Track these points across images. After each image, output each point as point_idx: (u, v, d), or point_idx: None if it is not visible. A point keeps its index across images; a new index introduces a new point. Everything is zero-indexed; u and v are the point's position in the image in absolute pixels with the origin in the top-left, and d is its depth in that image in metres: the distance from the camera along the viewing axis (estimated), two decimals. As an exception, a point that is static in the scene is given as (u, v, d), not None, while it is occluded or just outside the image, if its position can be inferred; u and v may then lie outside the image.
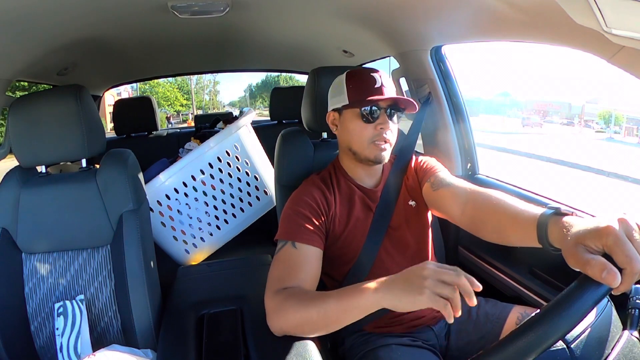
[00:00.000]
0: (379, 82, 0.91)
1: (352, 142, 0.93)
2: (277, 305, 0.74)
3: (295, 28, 1.59)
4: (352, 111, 0.92)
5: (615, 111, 11.27)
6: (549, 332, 0.45)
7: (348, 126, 0.93)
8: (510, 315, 0.91)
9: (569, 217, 0.58)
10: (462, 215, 0.85)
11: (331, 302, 0.68)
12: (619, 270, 0.45)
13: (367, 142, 0.91)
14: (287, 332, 0.74)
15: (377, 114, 0.90)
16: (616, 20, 0.51)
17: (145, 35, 1.47)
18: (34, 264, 1.00)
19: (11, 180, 1.00)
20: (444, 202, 0.90)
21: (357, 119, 0.91)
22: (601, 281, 0.45)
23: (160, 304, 1.02)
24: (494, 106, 16.24)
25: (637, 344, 0.59)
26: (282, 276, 0.79)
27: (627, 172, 7.08)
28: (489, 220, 0.79)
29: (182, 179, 1.43)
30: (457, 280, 0.56)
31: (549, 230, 0.60)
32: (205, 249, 1.51)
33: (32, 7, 0.92)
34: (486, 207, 0.79)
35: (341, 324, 0.69)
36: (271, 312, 0.75)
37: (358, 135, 0.91)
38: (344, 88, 0.93)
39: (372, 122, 0.90)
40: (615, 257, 0.46)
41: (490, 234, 0.79)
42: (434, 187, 0.94)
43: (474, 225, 0.83)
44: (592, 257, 0.47)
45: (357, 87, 0.91)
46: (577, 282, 0.48)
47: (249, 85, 24.51)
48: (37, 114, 0.98)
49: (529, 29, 0.87)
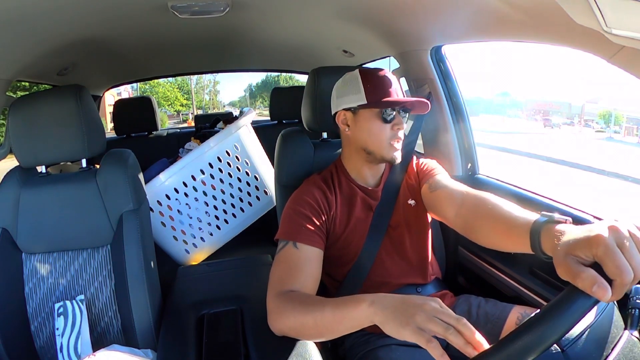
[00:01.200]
0: (393, 83, 0.93)
1: (369, 143, 0.93)
2: (277, 307, 0.75)
3: (295, 28, 1.58)
4: (371, 111, 0.92)
5: (615, 111, 11.27)
6: (536, 341, 0.44)
7: (364, 126, 0.93)
8: (510, 315, 0.91)
9: (561, 225, 0.57)
10: (455, 217, 0.85)
11: (327, 310, 0.66)
12: (610, 281, 0.44)
13: (386, 143, 0.92)
14: (286, 334, 0.74)
15: (393, 115, 0.91)
16: (616, 20, 0.51)
17: (145, 35, 1.47)
18: (34, 264, 1.00)
19: (11, 180, 1.00)
20: (439, 204, 0.91)
21: (376, 119, 0.91)
22: (591, 295, 0.44)
23: (160, 304, 1.02)
24: (494, 106, 16.25)
25: (637, 344, 0.59)
26: (284, 277, 0.80)
27: (621, 171, 7.07)
28: (482, 225, 0.78)
29: (182, 179, 1.43)
30: (455, 323, 0.52)
31: (541, 238, 0.59)
32: (205, 249, 1.51)
33: (32, 7, 0.92)
34: (481, 211, 0.79)
35: (335, 334, 0.68)
36: (272, 313, 0.76)
37: (376, 135, 0.92)
38: (360, 87, 0.92)
39: (390, 123, 0.91)
40: (605, 268, 0.44)
41: (484, 239, 0.78)
42: (431, 189, 0.95)
43: (468, 228, 0.83)
44: (582, 270, 0.45)
45: (376, 87, 0.92)
46: (566, 292, 0.46)
47: (249, 85, 24.52)
48: (37, 114, 0.98)
49: (529, 29, 0.87)
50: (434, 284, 1.00)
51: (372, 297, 0.62)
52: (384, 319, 0.58)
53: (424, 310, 0.54)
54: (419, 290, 0.97)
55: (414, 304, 0.56)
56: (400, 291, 0.95)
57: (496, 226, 0.74)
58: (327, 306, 0.67)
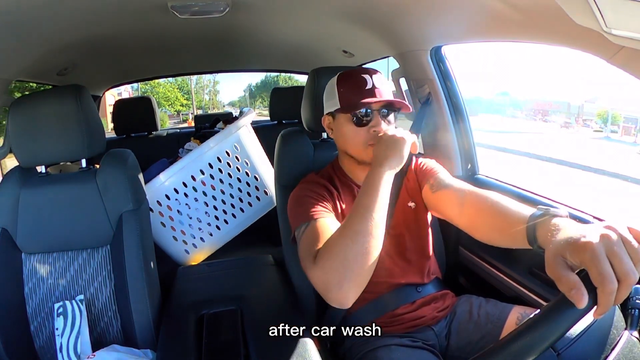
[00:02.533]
0: (370, 84, 0.89)
1: (348, 146, 0.93)
2: (322, 264, 0.71)
3: (295, 28, 1.59)
4: (345, 116, 0.91)
5: (613, 110, 11.28)
6: (533, 342, 0.45)
7: (341, 130, 0.92)
8: (511, 315, 0.91)
9: (557, 219, 0.57)
10: (460, 216, 0.85)
11: (361, 205, 0.74)
12: (595, 288, 0.43)
13: (362, 146, 0.90)
14: (348, 285, 0.69)
15: (370, 117, 0.89)
16: (616, 21, 0.51)
17: (145, 35, 1.47)
18: (33, 264, 1.00)
19: (11, 180, 1.00)
20: (443, 204, 0.90)
21: (349, 124, 0.90)
22: (569, 298, 0.44)
23: (160, 304, 1.02)
24: (494, 106, 16.28)
25: (637, 344, 0.59)
26: (311, 246, 0.77)
27: (612, 169, 7.08)
28: (483, 222, 0.79)
29: (182, 179, 1.42)
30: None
31: (537, 232, 0.60)
32: (205, 249, 1.51)
33: (32, 7, 0.92)
34: (482, 208, 0.79)
35: (377, 216, 0.73)
36: (322, 277, 0.70)
37: (352, 139, 0.91)
38: (335, 92, 0.92)
39: (366, 125, 0.89)
40: (590, 274, 0.44)
41: (484, 235, 0.79)
42: (433, 189, 0.94)
43: (471, 226, 0.83)
44: (564, 274, 0.45)
45: (348, 91, 0.90)
46: (557, 301, 0.46)
47: (249, 85, 24.47)
48: (37, 114, 0.98)
49: (529, 29, 0.87)
50: (434, 283, 1.00)
51: (373, 166, 0.79)
52: (389, 158, 0.79)
53: (392, 132, 0.85)
54: (419, 290, 0.97)
55: (389, 138, 0.84)
56: (400, 291, 0.96)
57: (495, 222, 0.74)
58: (358, 206, 0.75)
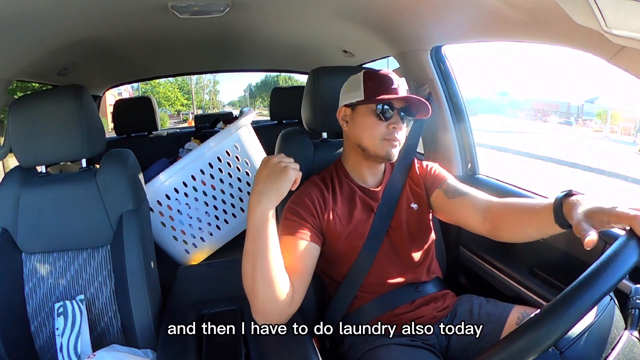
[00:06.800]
0: (395, 83, 0.94)
1: (363, 138, 0.94)
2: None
3: (295, 28, 1.59)
4: (367, 107, 0.93)
5: (612, 110, 11.29)
6: (535, 341, 0.46)
7: (360, 121, 0.94)
8: (511, 315, 0.91)
9: (579, 196, 0.66)
10: (483, 222, 0.89)
11: (244, 250, 0.78)
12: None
13: (378, 139, 0.92)
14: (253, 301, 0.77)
15: (390, 114, 0.92)
16: (616, 20, 0.51)
17: (145, 35, 1.47)
18: (34, 264, 1.00)
19: (11, 180, 1.00)
20: (461, 211, 0.94)
21: (370, 115, 0.92)
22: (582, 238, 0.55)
23: (160, 304, 1.02)
24: (493, 105, 16.28)
25: (638, 344, 0.59)
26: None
27: (608, 168, 7.10)
28: (507, 221, 0.85)
29: (182, 179, 1.42)
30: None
31: (563, 209, 0.67)
32: (206, 249, 1.51)
33: (33, 7, 0.92)
34: (504, 210, 0.86)
35: (259, 262, 0.76)
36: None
37: (370, 131, 0.93)
38: (361, 85, 0.94)
39: (385, 121, 0.92)
40: (635, 229, 0.54)
41: (508, 233, 0.86)
42: (449, 195, 0.96)
43: (495, 230, 0.87)
44: (587, 229, 0.57)
45: (374, 85, 0.93)
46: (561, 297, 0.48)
47: (249, 85, 24.45)
48: (37, 114, 0.98)
49: (529, 29, 0.87)
50: (435, 283, 1.00)
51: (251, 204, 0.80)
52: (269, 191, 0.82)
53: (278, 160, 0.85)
54: (419, 290, 0.97)
55: (267, 166, 0.86)
56: (399, 291, 0.96)
57: (521, 217, 0.81)
58: (244, 249, 0.78)
